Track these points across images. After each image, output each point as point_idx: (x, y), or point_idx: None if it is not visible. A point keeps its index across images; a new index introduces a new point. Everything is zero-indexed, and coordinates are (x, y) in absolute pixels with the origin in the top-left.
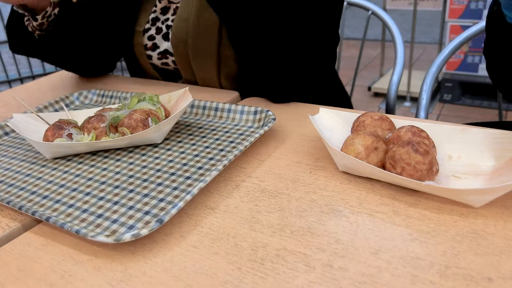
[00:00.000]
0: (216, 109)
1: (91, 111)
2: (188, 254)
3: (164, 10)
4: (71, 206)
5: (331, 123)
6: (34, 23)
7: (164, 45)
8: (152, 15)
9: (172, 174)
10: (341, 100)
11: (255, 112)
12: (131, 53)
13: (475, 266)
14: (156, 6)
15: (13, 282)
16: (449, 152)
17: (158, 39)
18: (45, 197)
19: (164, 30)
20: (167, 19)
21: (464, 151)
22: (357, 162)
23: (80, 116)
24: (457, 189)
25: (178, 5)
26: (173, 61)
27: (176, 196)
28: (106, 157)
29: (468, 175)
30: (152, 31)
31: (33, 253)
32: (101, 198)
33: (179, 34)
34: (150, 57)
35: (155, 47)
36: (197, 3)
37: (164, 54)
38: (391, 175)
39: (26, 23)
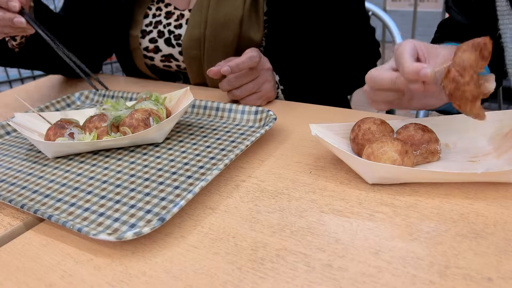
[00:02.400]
0: (217, 109)
1: (93, 111)
2: (188, 254)
3: (168, 15)
4: (73, 204)
5: (325, 137)
6: (14, 43)
7: (168, 50)
8: (156, 18)
9: (174, 173)
10: (339, 98)
11: (256, 112)
12: (128, 58)
13: (475, 266)
14: (159, 10)
15: (13, 282)
16: (444, 141)
17: (160, 43)
18: (46, 196)
19: (166, 35)
20: (169, 24)
21: (456, 137)
22: (400, 170)
23: (81, 115)
24: None
25: (183, 12)
26: (177, 65)
27: (178, 195)
28: (107, 156)
29: (477, 157)
30: (154, 34)
31: (33, 252)
32: (103, 197)
33: (191, 51)
34: (152, 58)
35: (157, 50)
36: (210, 24)
37: (168, 58)
38: (442, 173)
39: (7, 39)
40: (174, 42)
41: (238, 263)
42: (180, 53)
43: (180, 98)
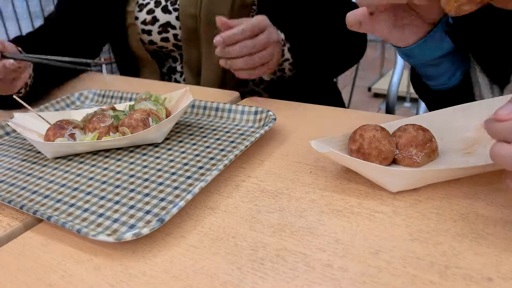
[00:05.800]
0: (217, 109)
1: (92, 111)
2: (188, 254)
3: None
4: (72, 205)
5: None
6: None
7: (165, 18)
8: None
9: (173, 173)
10: (334, 97)
11: (256, 112)
12: (122, 38)
13: (475, 266)
14: None
15: (13, 282)
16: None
17: (157, 12)
18: (46, 197)
19: (163, 2)
20: None
21: (441, 131)
22: (427, 173)
23: (81, 116)
24: None
25: None
26: (174, 35)
27: (177, 196)
28: (107, 156)
29: (468, 149)
30: (151, 5)
31: (33, 253)
32: (102, 198)
33: (188, 8)
34: (149, 32)
35: (154, 20)
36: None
37: (165, 27)
38: (463, 169)
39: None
40: (171, 8)
41: (238, 263)
42: (177, 18)
43: (179, 99)
